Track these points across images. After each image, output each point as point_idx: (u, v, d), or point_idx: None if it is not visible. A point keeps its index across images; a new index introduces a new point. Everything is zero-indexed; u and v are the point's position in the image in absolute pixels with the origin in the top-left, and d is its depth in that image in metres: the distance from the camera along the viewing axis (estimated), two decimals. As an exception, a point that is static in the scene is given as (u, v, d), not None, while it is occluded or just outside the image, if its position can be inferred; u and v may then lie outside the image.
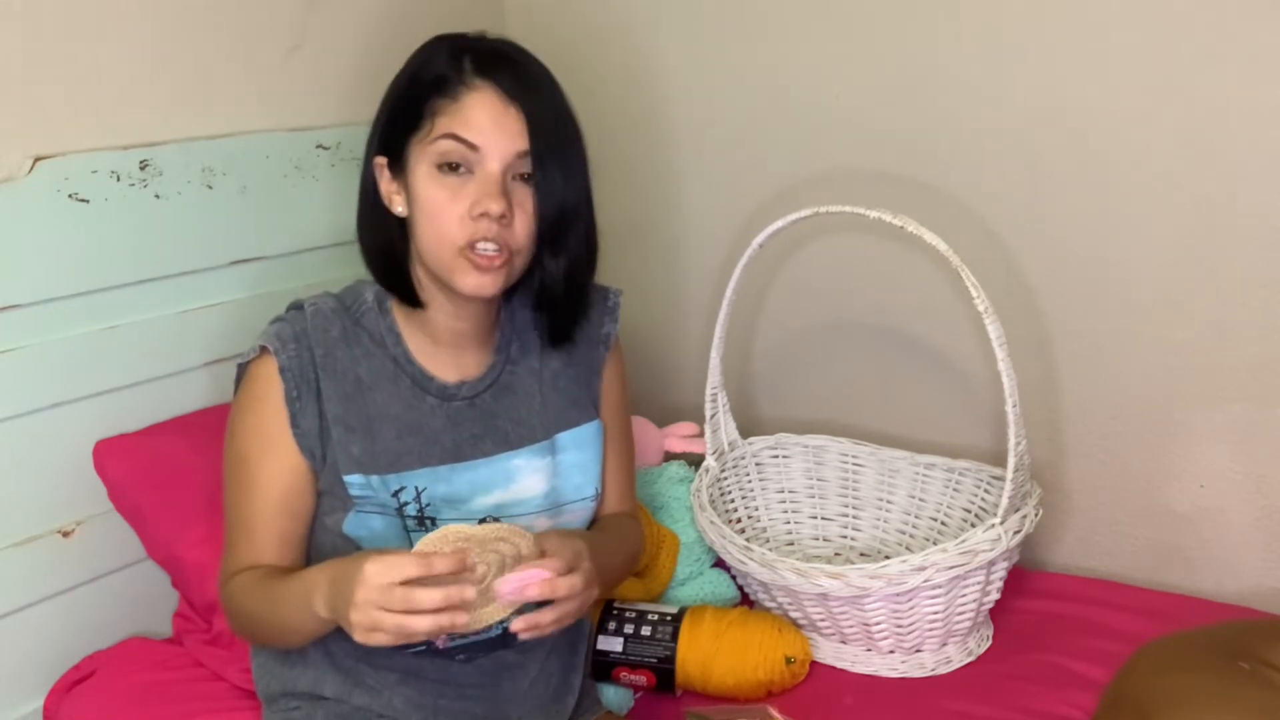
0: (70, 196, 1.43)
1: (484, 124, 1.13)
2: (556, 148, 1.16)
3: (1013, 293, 1.68)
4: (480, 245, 1.13)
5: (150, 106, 1.53)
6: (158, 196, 1.52)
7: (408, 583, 0.99)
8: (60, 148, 1.42)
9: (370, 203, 1.23)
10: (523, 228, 1.15)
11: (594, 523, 1.33)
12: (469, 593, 0.99)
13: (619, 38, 1.96)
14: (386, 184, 1.20)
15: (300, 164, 1.69)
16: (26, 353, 1.40)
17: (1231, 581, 1.63)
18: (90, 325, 1.47)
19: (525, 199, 1.15)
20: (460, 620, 1.00)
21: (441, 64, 1.16)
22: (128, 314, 1.51)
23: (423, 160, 1.15)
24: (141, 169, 1.50)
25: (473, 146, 1.13)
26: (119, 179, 1.47)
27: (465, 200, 1.13)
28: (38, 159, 1.40)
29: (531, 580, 1.04)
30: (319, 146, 1.69)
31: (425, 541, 1.03)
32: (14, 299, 1.39)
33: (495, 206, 1.12)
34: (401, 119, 1.17)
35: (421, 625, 0.99)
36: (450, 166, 1.14)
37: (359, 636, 1.01)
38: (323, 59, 1.71)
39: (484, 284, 1.15)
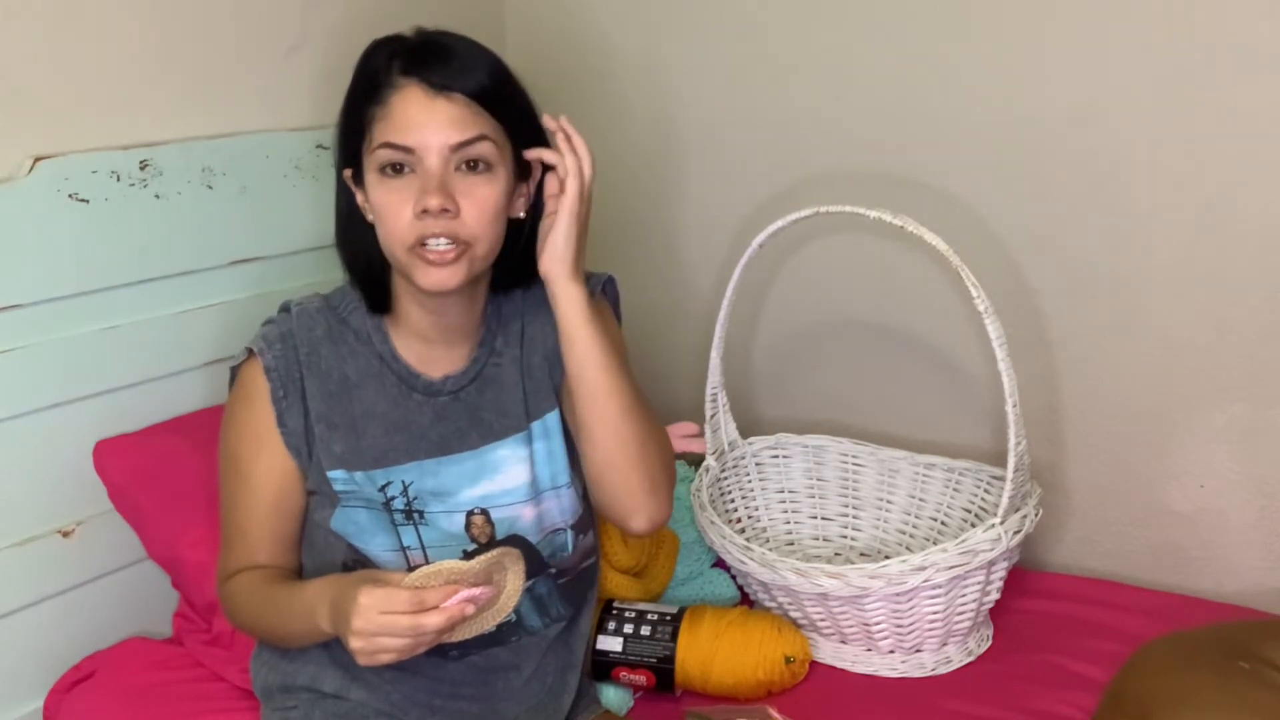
0: (70, 196, 1.43)
1: (413, 123, 1.13)
2: (511, 117, 1.17)
3: (1013, 293, 1.68)
4: (430, 242, 1.13)
5: (150, 106, 1.53)
6: (158, 196, 1.52)
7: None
8: (60, 148, 1.42)
9: (344, 213, 1.24)
10: (473, 216, 1.14)
11: (586, 513, 1.31)
12: (469, 610, 1.05)
13: (619, 38, 1.96)
14: (358, 194, 1.21)
15: (300, 164, 1.68)
16: (26, 353, 1.40)
17: (1231, 581, 1.63)
18: (90, 325, 1.47)
19: (473, 187, 1.14)
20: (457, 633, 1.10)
21: (374, 70, 1.16)
22: (128, 314, 1.51)
23: (370, 168, 1.16)
24: (141, 169, 1.50)
25: (407, 149, 1.13)
26: (119, 179, 1.47)
27: (411, 199, 1.13)
28: (38, 159, 1.39)
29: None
30: (319, 146, 1.69)
31: (417, 575, 1.06)
32: (14, 299, 1.39)
33: (434, 201, 1.11)
34: (349, 132, 1.19)
35: (424, 647, 1.06)
36: (394, 168, 1.14)
37: (362, 660, 1.05)
38: (323, 59, 1.71)
39: (443, 278, 1.14)
